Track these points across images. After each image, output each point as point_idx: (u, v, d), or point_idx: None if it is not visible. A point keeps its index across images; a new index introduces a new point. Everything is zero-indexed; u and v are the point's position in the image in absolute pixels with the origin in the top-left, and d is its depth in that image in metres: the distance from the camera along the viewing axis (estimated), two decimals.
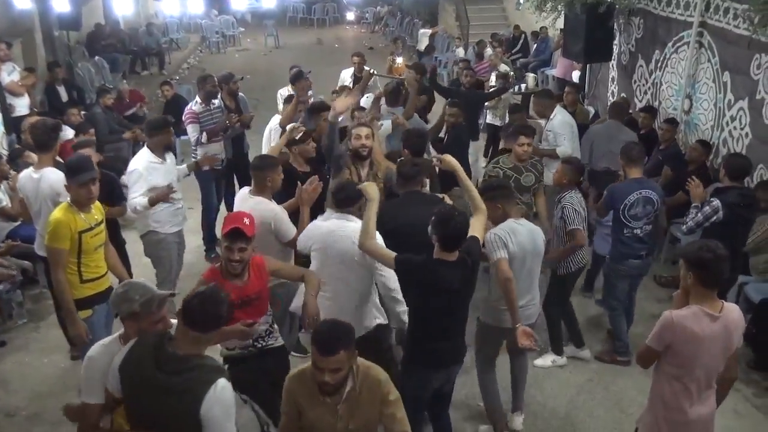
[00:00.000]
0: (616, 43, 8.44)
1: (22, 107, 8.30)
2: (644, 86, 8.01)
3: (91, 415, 2.81)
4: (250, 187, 4.31)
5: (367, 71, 7.19)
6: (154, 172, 4.89)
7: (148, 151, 4.99)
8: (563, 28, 8.97)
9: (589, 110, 8.44)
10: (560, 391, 4.73)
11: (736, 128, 6.23)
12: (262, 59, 17.79)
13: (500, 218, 3.96)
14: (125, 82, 11.67)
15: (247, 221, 3.36)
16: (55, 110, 8.83)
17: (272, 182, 4.19)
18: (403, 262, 3.34)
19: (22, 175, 4.74)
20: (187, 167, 5.59)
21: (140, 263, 5.43)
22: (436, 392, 3.60)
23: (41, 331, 5.47)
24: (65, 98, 9.48)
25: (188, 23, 20.52)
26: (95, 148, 5.40)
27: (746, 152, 5.87)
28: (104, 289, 4.07)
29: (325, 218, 3.90)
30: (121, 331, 2.90)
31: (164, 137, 5.05)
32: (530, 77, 11.48)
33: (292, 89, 6.92)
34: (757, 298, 5.08)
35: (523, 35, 14.27)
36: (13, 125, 7.86)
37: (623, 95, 8.34)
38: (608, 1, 7.54)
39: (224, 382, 2.57)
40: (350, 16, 24.44)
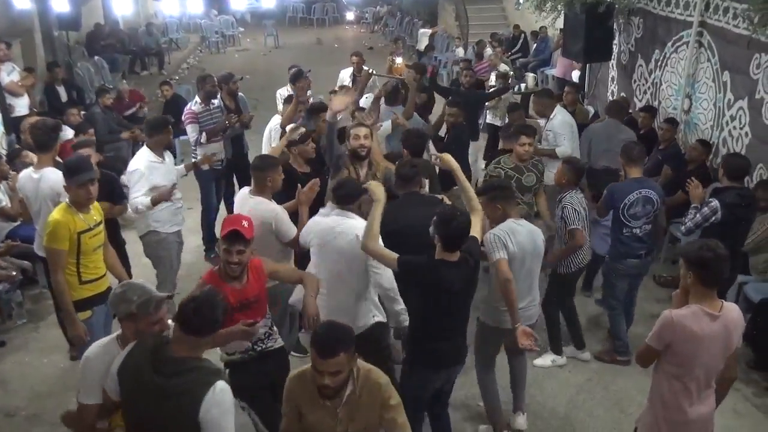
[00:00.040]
0: (615, 42, 8.43)
1: (21, 107, 8.30)
2: (644, 86, 8.01)
3: (88, 415, 2.80)
4: (250, 187, 4.30)
5: (366, 71, 7.19)
6: (154, 171, 4.90)
7: (148, 150, 4.99)
8: (563, 27, 8.95)
9: (588, 110, 8.44)
10: (560, 390, 4.74)
11: (735, 128, 6.23)
12: (261, 59, 17.78)
13: (500, 218, 3.96)
14: (125, 82, 11.65)
15: (245, 224, 3.34)
16: (54, 110, 8.82)
17: (273, 182, 4.18)
18: (405, 263, 3.35)
19: (22, 175, 4.74)
20: (184, 167, 5.59)
21: (140, 263, 5.43)
22: (436, 392, 3.61)
23: (41, 331, 5.47)
24: (65, 98, 9.48)
25: (188, 23, 20.52)
26: (95, 148, 5.41)
27: (746, 152, 5.87)
28: (103, 290, 4.06)
29: (325, 214, 3.91)
30: (119, 331, 2.89)
31: (164, 137, 5.06)
32: (530, 77, 11.46)
33: (291, 89, 6.92)
34: (756, 297, 5.07)
35: (522, 35, 14.26)
36: (12, 125, 7.86)
37: (623, 95, 8.34)
38: (608, 0, 7.53)
39: (223, 384, 2.55)
40: (350, 16, 24.47)
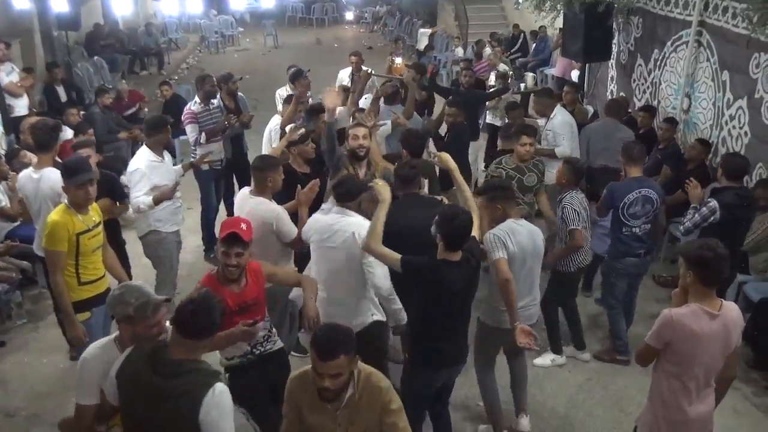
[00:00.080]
0: (615, 42, 8.43)
1: (21, 108, 8.30)
2: (643, 85, 8.01)
3: (85, 416, 2.80)
4: (250, 187, 4.30)
5: (365, 71, 7.18)
6: (155, 170, 4.90)
7: (147, 150, 5.00)
8: (562, 27, 8.95)
9: (588, 109, 8.43)
10: (560, 390, 4.74)
11: (735, 127, 6.23)
12: (261, 59, 17.78)
13: (500, 218, 3.96)
14: (124, 82, 11.64)
15: (244, 226, 3.32)
16: (54, 110, 8.82)
17: (273, 182, 4.18)
18: (408, 263, 3.36)
19: (22, 175, 4.74)
20: (182, 167, 5.59)
21: (140, 264, 5.43)
22: (436, 391, 3.61)
23: (40, 331, 5.47)
24: (64, 98, 9.47)
25: (187, 23, 20.54)
26: (94, 148, 5.41)
27: (745, 151, 5.87)
28: (102, 291, 4.05)
29: (325, 211, 3.91)
30: (116, 333, 2.89)
31: (163, 136, 5.06)
32: (529, 76, 11.48)
33: (291, 88, 6.92)
34: (756, 297, 5.07)
35: (522, 34, 14.26)
36: (12, 125, 7.86)
37: (622, 94, 8.33)
38: (607, 0, 7.54)
39: (222, 386, 2.55)
40: (349, 15, 24.47)
